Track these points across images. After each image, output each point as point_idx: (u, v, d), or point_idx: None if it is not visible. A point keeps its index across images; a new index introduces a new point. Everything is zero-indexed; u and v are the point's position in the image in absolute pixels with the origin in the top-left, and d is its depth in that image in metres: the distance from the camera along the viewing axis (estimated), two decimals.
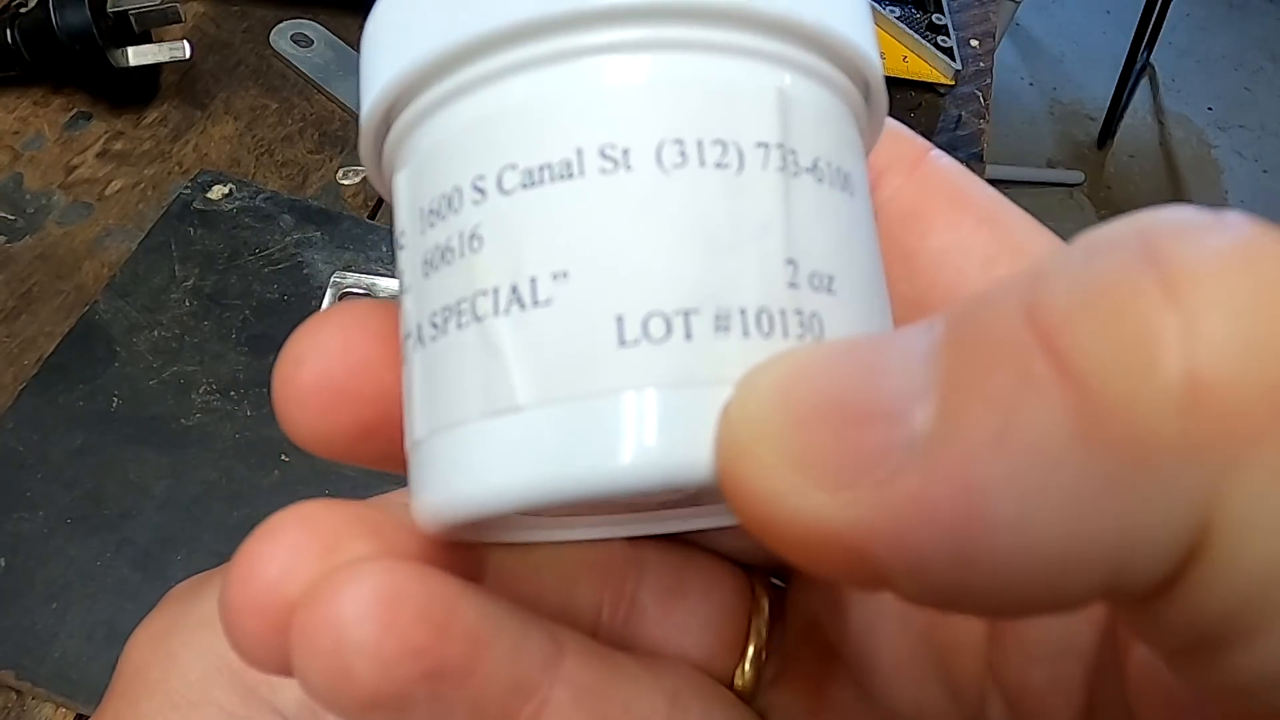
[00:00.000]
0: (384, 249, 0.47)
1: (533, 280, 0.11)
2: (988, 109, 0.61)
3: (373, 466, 0.14)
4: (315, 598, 0.11)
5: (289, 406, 0.13)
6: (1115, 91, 1.81)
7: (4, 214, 0.47)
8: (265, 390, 0.42)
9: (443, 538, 0.13)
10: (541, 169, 0.11)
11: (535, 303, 0.11)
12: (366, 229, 0.47)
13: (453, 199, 0.12)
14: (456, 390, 0.11)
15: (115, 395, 0.41)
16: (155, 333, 0.43)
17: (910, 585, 0.09)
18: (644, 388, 0.10)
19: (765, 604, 0.18)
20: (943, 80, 0.60)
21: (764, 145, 0.11)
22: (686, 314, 0.11)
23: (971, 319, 0.09)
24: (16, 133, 0.50)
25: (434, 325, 0.12)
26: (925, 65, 0.61)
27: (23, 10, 0.49)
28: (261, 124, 0.52)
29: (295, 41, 0.55)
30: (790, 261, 0.11)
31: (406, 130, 0.12)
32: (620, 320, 0.11)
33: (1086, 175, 1.80)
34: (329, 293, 0.45)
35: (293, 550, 0.12)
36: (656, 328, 0.11)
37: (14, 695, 0.34)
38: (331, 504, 0.13)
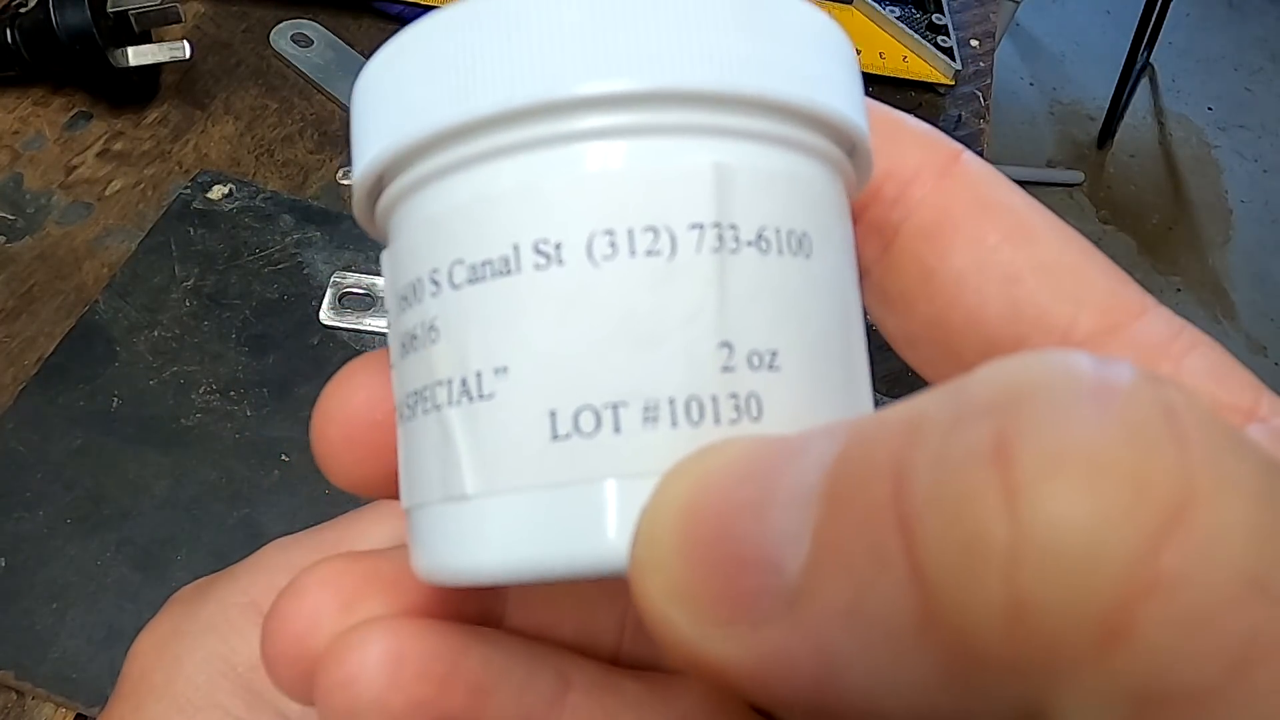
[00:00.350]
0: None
1: (478, 374, 0.11)
2: (988, 109, 0.61)
3: None
4: (331, 659, 0.13)
5: (324, 457, 0.14)
6: (1115, 91, 1.81)
7: (4, 214, 0.47)
8: (265, 390, 0.42)
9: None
10: (484, 265, 0.11)
11: (480, 396, 0.11)
12: None
13: (417, 288, 0.12)
14: (423, 472, 0.12)
15: (115, 395, 0.41)
16: (155, 333, 0.43)
17: (781, 713, 0.10)
18: (572, 483, 0.11)
19: None
20: (943, 80, 0.60)
21: (698, 226, 0.11)
22: (615, 407, 0.11)
23: (851, 465, 0.09)
24: (16, 133, 0.50)
25: (408, 407, 0.12)
26: (925, 65, 0.61)
27: (23, 10, 0.49)
28: (261, 124, 0.52)
29: (295, 41, 0.55)
30: (725, 344, 0.11)
31: (389, 208, 0.13)
32: (553, 415, 0.11)
33: (1086, 175, 1.80)
34: (329, 293, 0.45)
35: (314, 609, 0.14)
36: (586, 422, 0.11)
37: (14, 695, 0.34)
38: (351, 561, 0.14)
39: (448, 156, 0.12)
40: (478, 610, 0.15)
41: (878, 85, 0.60)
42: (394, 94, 0.12)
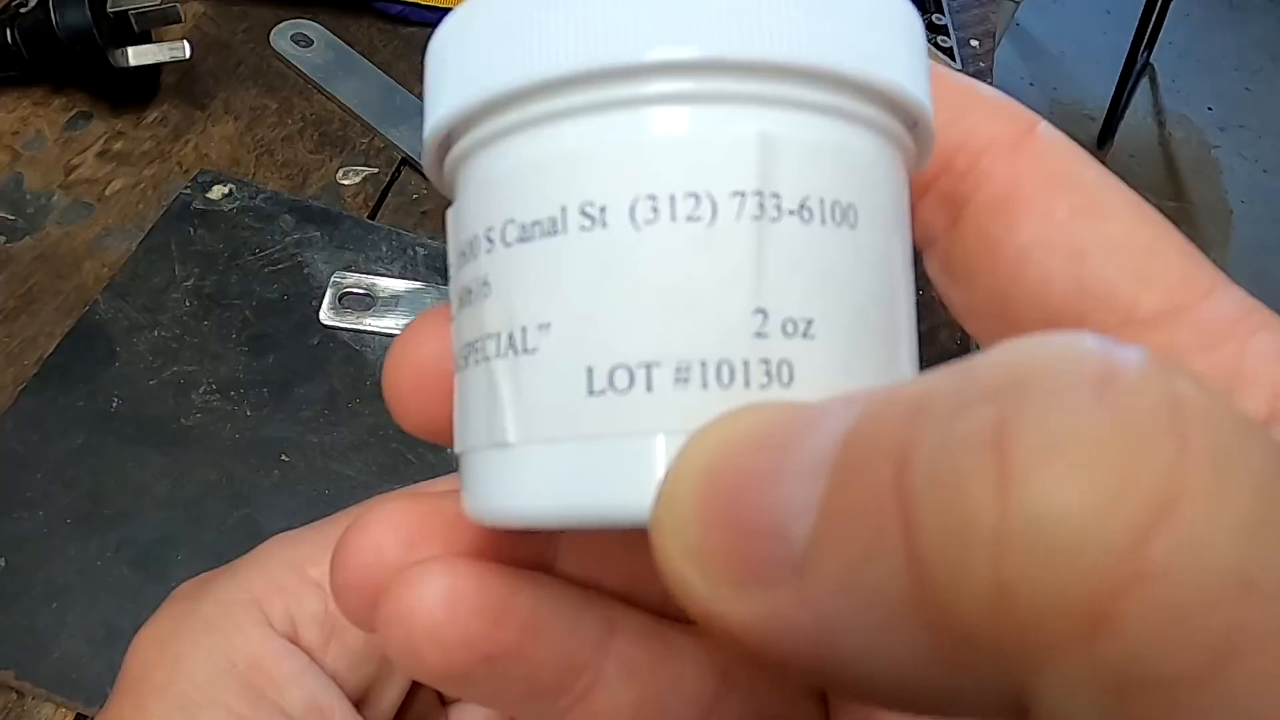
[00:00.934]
0: (384, 249, 0.47)
1: (523, 329, 0.12)
2: None
3: None
4: (393, 593, 0.14)
5: (394, 403, 0.15)
6: (1115, 91, 1.81)
7: (4, 214, 0.47)
8: (265, 390, 0.42)
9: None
10: (533, 225, 0.12)
11: (524, 350, 0.12)
12: (366, 229, 0.47)
13: (474, 245, 0.13)
14: (473, 419, 0.13)
15: (115, 395, 0.41)
16: (155, 333, 0.43)
17: (786, 671, 0.10)
18: (604, 437, 0.11)
19: None
20: None
21: (740, 194, 0.11)
22: (648, 366, 0.11)
23: (859, 441, 0.09)
24: (16, 133, 0.50)
25: (463, 357, 0.13)
26: None
27: (23, 10, 0.49)
28: (261, 124, 0.52)
29: (295, 41, 0.55)
30: (759, 311, 0.11)
31: (455, 165, 0.14)
32: (590, 371, 0.11)
33: None
34: (329, 293, 0.45)
35: (378, 544, 0.15)
36: (620, 379, 0.11)
37: (14, 695, 0.34)
38: (413, 501, 0.15)
39: (505, 119, 0.12)
40: (530, 554, 0.16)
41: None
42: (460, 56, 0.13)
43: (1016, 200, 0.14)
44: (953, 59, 0.60)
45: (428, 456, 0.40)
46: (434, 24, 0.12)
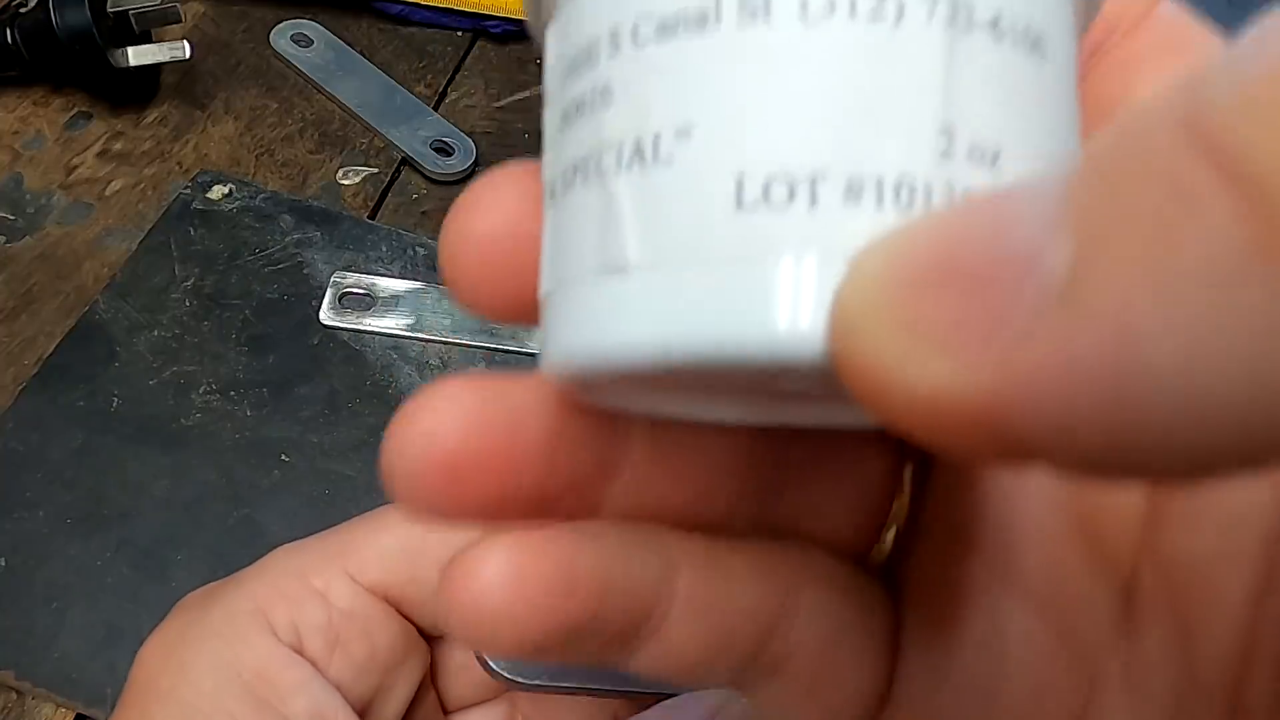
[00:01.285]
0: (384, 249, 0.47)
1: (656, 136, 0.10)
2: None
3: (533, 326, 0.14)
4: (457, 578, 0.13)
5: (457, 265, 0.13)
6: None
7: (4, 214, 0.47)
8: (265, 390, 0.42)
9: (568, 397, 0.13)
10: (676, 18, 0.10)
11: (656, 160, 0.10)
12: (366, 229, 0.47)
13: (591, 51, 0.11)
14: (577, 246, 0.11)
15: (115, 395, 0.41)
16: (155, 333, 0.43)
17: (1059, 454, 0.08)
18: (752, 259, 0.10)
19: (908, 479, 0.17)
20: None
21: None
22: (813, 179, 0.10)
23: (1113, 143, 0.08)
24: (16, 133, 0.50)
25: (564, 181, 0.11)
26: None
27: (23, 10, 0.49)
28: (261, 124, 0.52)
29: (295, 41, 0.55)
30: (945, 130, 0.10)
31: None
32: (740, 181, 0.10)
33: None
34: (329, 293, 0.45)
35: (448, 413, 0.13)
36: (778, 192, 0.10)
37: (14, 695, 0.34)
38: (476, 382, 0.13)
39: None
40: (597, 454, 0.14)
41: None
42: None
43: (1137, 61, 0.14)
44: None
45: None
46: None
